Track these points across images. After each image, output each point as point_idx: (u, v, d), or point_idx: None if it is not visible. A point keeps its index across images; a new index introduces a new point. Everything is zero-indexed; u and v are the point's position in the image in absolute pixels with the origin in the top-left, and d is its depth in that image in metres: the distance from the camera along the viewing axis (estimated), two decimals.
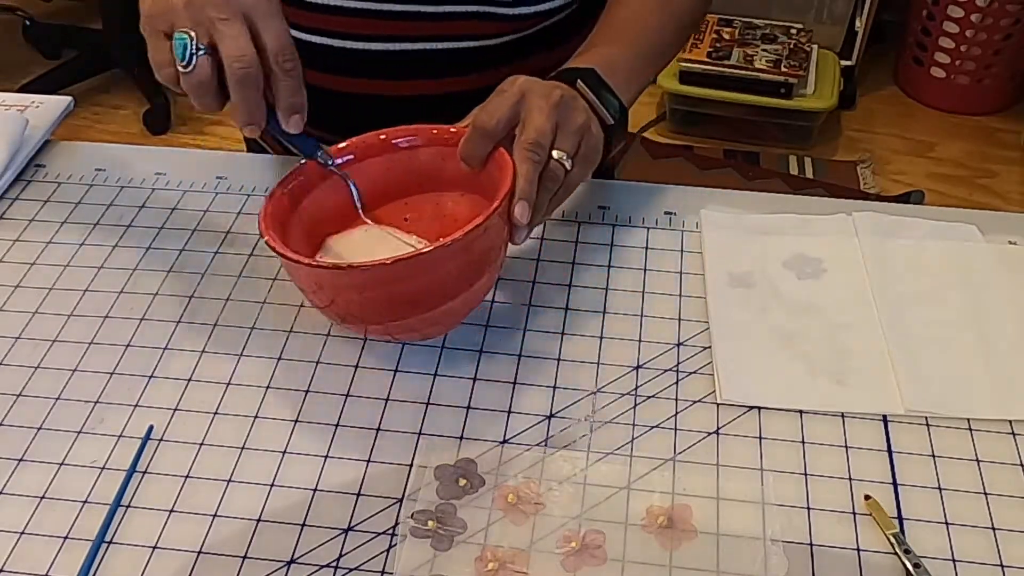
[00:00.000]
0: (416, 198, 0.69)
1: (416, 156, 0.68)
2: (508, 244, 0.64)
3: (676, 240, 0.78)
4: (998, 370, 0.67)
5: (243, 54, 0.59)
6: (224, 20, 0.59)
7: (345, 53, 0.81)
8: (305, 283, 0.62)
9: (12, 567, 0.56)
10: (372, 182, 0.68)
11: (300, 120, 0.63)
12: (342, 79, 0.83)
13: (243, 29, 0.59)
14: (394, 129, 0.69)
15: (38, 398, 0.65)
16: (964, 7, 2.28)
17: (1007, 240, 0.78)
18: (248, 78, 0.59)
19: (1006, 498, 0.60)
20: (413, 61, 0.81)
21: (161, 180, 0.84)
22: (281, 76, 0.61)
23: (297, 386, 0.66)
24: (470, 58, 0.82)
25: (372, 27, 0.79)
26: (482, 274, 0.62)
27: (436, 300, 0.60)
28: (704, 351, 0.69)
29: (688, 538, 0.57)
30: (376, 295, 0.59)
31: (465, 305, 0.64)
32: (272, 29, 0.60)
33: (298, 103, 0.63)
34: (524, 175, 0.62)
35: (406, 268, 0.57)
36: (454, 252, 0.58)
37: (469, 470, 0.61)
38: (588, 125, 0.67)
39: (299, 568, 0.56)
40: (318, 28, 0.80)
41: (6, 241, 0.78)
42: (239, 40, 0.59)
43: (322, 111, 0.87)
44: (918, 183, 2.25)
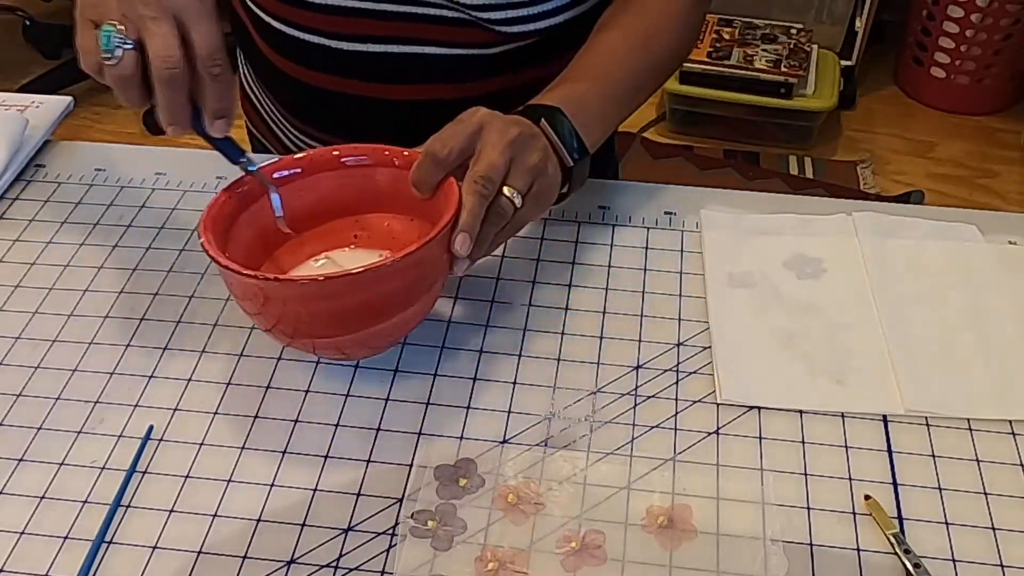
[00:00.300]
0: (369, 217, 0.69)
1: (371, 175, 0.67)
2: (448, 273, 0.64)
3: (676, 240, 0.78)
4: (998, 370, 0.67)
5: (169, 55, 0.58)
6: (154, 19, 0.58)
7: (340, 54, 0.81)
8: (236, 291, 0.62)
9: (12, 567, 0.56)
10: (323, 196, 0.68)
11: (225, 124, 0.62)
12: (337, 79, 0.83)
13: (172, 29, 0.58)
14: (348, 147, 0.68)
15: (38, 398, 0.65)
16: (964, 7, 2.28)
17: (1007, 240, 0.78)
18: (173, 79, 0.59)
19: (1006, 498, 0.60)
20: (407, 65, 0.81)
21: (161, 180, 0.84)
22: (209, 81, 0.60)
23: (297, 386, 0.66)
24: (465, 65, 0.82)
25: (367, 27, 0.79)
26: (413, 301, 0.61)
27: (365, 322, 0.60)
28: (704, 351, 0.69)
29: (688, 538, 0.57)
30: (303, 311, 0.59)
31: (396, 329, 0.63)
32: (203, 32, 0.59)
33: (224, 108, 0.62)
34: (469, 208, 0.62)
35: (336, 286, 0.57)
36: (385, 275, 0.58)
37: (469, 470, 0.61)
38: (544, 165, 0.67)
39: (299, 568, 0.56)
40: (315, 28, 0.80)
41: (6, 241, 0.78)
42: (166, 40, 0.58)
43: (318, 110, 0.87)
44: (918, 183, 2.25)
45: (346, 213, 0.69)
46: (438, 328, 0.70)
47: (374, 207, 0.69)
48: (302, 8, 0.79)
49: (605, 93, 0.75)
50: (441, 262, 0.62)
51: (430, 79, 0.82)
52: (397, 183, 0.66)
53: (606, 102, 0.75)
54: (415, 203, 0.65)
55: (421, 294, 0.62)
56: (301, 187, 0.67)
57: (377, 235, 0.69)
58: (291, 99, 0.89)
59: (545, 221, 0.79)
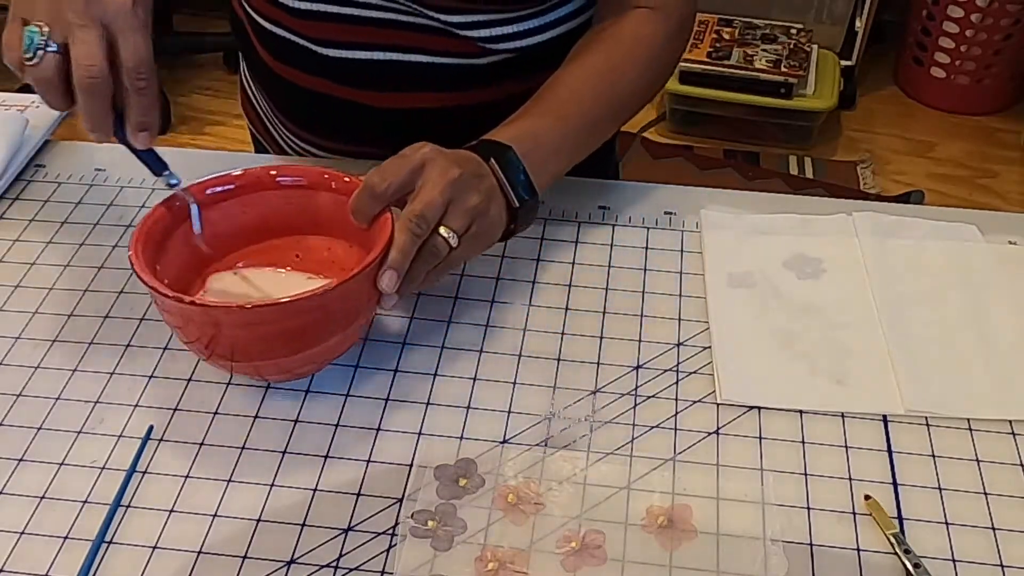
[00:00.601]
0: (310, 238, 0.69)
1: (314, 197, 0.67)
2: (376, 306, 0.63)
3: (676, 240, 0.78)
4: (998, 370, 0.67)
5: (92, 63, 0.58)
6: (81, 26, 0.58)
7: (328, 59, 0.80)
8: (157, 305, 0.62)
9: (12, 567, 0.56)
10: (263, 214, 0.68)
11: (148, 137, 0.62)
12: (328, 83, 0.82)
13: (98, 38, 0.58)
14: (286, 167, 0.68)
15: (38, 398, 0.65)
16: (964, 7, 2.28)
17: (1007, 240, 0.78)
18: (95, 87, 0.58)
19: (1006, 498, 0.60)
20: (393, 72, 0.80)
21: (161, 180, 0.83)
22: (133, 93, 0.59)
23: (297, 386, 0.66)
24: (451, 74, 0.81)
25: (352, 34, 0.78)
26: (335, 333, 0.61)
27: (288, 349, 0.60)
28: (704, 351, 0.69)
29: (688, 538, 0.57)
30: (228, 335, 0.59)
31: (321, 356, 0.62)
32: (130, 44, 0.59)
33: (148, 121, 0.61)
34: (399, 245, 0.61)
35: (258, 315, 0.57)
36: (308, 307, 0.58)
37: (469, 470, 0.61)
38: (485, 207, 0.65)
39: (299, 568, 0.56)
40: (302, 32, 0.80)
41: (6, 241, 0.78)
42: (91, 48, 0.58)
43: (310, 114, 0.87)
44: (918, 183, 2.25)
45: (288, 233, 0.69)
46: (438, 328, 0.70)
47: (316, 229, 0.68)
48: (288, 13, 0.79)
49: (563, 132, 0.73)
50: (365, 296, 0.61)
51: (416, 87, 0.82)
52: (339, 208, 0.66)
53: (563, 141, 0.73)
54: (355, 230, 0.65)
55: (343, 326, 0.61)
56: (244, 203, 0.67)
57: (317, 257, 0.69)
58: (286, 102, 0.89)
59: (545, 221, 0.79)
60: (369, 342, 0.69)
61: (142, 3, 0.59)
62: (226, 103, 2.46)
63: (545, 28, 0.81)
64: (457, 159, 0.65)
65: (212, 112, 2.44)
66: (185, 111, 2.42)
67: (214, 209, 0.66)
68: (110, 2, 0.58)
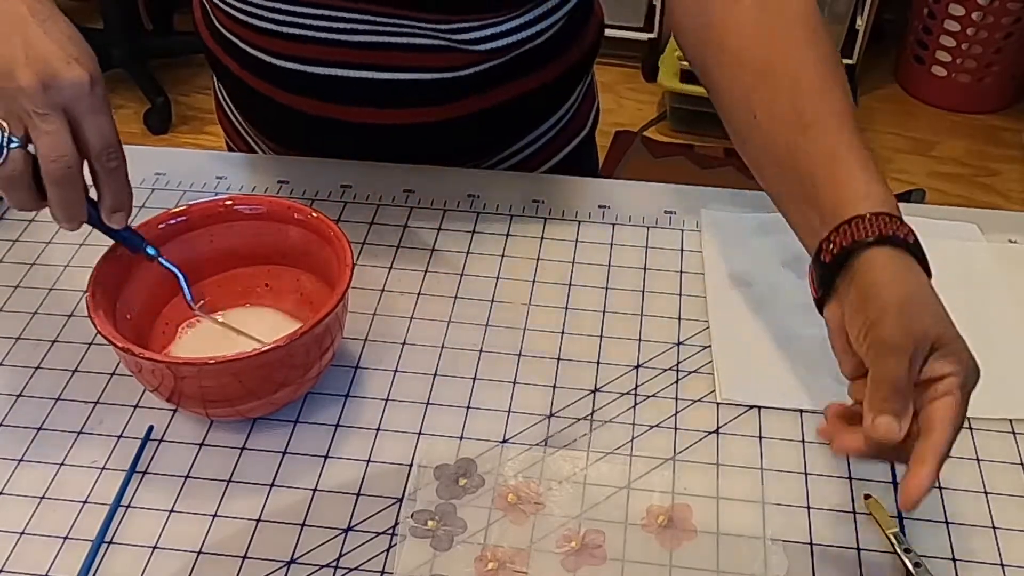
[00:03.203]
0: (280, 268, 0.68)
1: (285, 232, 0.67)
2: (329, 356, 0.63)
3: (676, 240, 0.78)
4: (998, 370, 0.67)
5: (61, 154, 0.54)
6: (42, 115, 0.53)
7: (317, 78, 0.79)
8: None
9: (12, 567, 0.56)
10: (233, 245, 0.67)
11: (124, 216, 0.59)
12: (315, 103, 0.81)
13: (62, 125, 0.54)
14: (243, 197, 0.68)
15: (38, 398, 0.65)
16: (965, 5, 2.28)
17: (1008, 239, 0.78)
18: (66, 179, 0.54)
19: (1006, 497, 0.60)
20: (383, 90, 0.79)
21: (161, 180, 0.84)
22: (104, 175, 0.57)
23: None
24: (442, 88, 0.80)
25: (344, 55, 0.77)
26: (286, 385, 0.61)
27: (224, 400, 0.60)
28: (704, 351, 0.69)
29: (688, 538, 0.57)
30: (181, 386, 0.59)
31: (270, 404, 0.62)
32: (95, 126, 0.55)
33: (122, 201, 0.59)
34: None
35: (214, 370, 0.57)
36: (256, 365, 0.57)
37: (469, 470, 0.61)
38: None
39: (299, 568, 0.56)
40: (291, 55, 0.78)
41: (6, 241, 0.78)
42: (56, 137, 0.53)
43: (296, 132, 0.86)
44: (919, 182, 2.25)
45: (260, 262, 0.69)
46: (438, 328, 0.70)
47: (284, 261, 0.68)
48: (275, 37, 0.77)
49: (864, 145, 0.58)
50: (311, 350, 0.60)
51: (409, 104, 0.80)
52: (309, 243, 0.66)
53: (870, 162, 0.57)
54: (324, 266, 0.65)
55: (289, 381, 0.61)
56: (215, 233, 0.67)
57: (285, 289, 0.68)
58: (265, 119, 0.87)
59: (545, 220, 0.79)
60: (369, 342, 0.69)
61: (99, 82, 0.55)
62: None
63: (534, 21, 0.79)
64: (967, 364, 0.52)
65: (212, 112, 2.41)
66: (185, 111, 2.42)
67: (182, 238, 0.66)
68: (68, 86, 0.54)
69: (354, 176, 0.83)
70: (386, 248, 0.77)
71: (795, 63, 0.61)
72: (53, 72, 0.53)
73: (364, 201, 0.81)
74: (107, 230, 0.60)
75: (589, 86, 0.94)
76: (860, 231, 0.53)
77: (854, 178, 0.56)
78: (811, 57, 0.61)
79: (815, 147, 0.57)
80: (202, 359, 0.57)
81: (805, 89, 0.60)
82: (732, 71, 0.64)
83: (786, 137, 0.59)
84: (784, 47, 0.62)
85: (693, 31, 0.67)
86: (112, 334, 0.57)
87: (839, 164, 0.56)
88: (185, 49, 2.59)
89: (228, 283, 0.68)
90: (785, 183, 0.61)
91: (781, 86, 0.60)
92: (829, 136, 0.58)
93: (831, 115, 0.59)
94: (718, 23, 0.65)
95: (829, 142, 0.57)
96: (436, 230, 0.78)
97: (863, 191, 0.55)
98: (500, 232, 0.78)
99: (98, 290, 0.60)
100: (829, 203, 0.56)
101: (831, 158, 0.57)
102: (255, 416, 0.63)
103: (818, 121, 0.58)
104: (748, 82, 0.62)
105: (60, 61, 0.54)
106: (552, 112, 0.88)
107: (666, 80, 2.27)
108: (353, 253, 0.62)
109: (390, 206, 0.80)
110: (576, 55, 0.86)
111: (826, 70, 0.60)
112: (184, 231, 0.66)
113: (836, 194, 0.56)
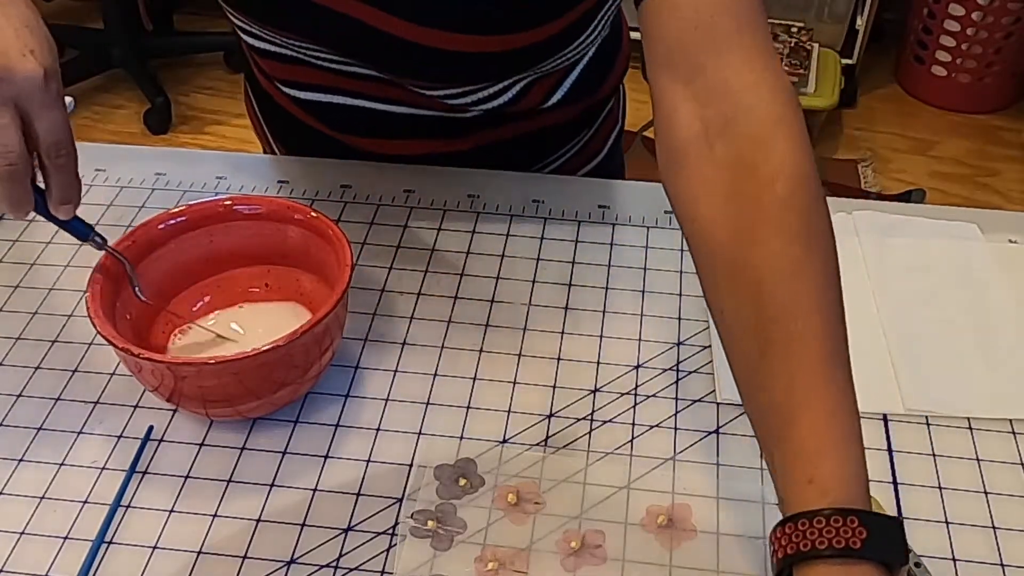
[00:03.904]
0: (279, 268, 0.68)
1: (285, 232, 0.67)
2: (329, 356, 0.63)
3: (676, 240, 0.78)
4: (998, 369, 0.67)
5: (9, 149, 0.53)
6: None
7: (324, 105, 0.79)
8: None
9: (12, 567, 0.56)
10: (233, 245, 0.67)
11: (71, 209, 0.59)
12: (326, 128, 0.81)
13: (12, 120, 0.53)
14: (242, 197, 0.68)
15: (38, 398, 0.65)
16: (965, 5, 2.28)
17: (1007, 239, 0.78)
18: (13, 174, 0.54)
19: (1006, 497, 0.60)
20: (392, 122, 0.79)
21: (161, 180, 0.84)
22: (54, 171, 0.56)
23: None
24: (452, 123, 0.80)
25: (345, 83, 0.77)
26: (286, 385, 0.61)
27: (233, 400, 0.60)
28: (704, 350, 0.69)
29: (688, 537, 0.57)
30: (181, 386, 0.59)
31: (270, 404, 0.62)
32: (46, 120, 0.55)
33: (70, 195, 0.58)
34: None
35: (213, 370, 0.57)
36: (241, 366, 0.57)
37: (469, 470, 0.61)
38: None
39: (299, 568, 0.56)
40: (291, 80, 0.78)
41: (6, 241, 0.78)
42: (4, 133, 0.53)
43: (299, 143, 0.86)
44: (919, 182, 2.24)
45: (258, 262, 0.69)
46: (438, 328, 0.70)
47: (283, 261, 0.68)
48: (274, 60, 0.77)
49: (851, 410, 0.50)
50: (310, 350, 0.61)
51: (417, 136, 0.80)
52: (308, 244, 0.66)
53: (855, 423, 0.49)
54: (322, 266, 0.65)
55: (289, 381, 0.61)
56: (214, 233, 0.67)
57: (285, 288, 0.68)
58: (288, 134, 0.88)
59: (545, 220, 0.79)
60: (369, 342, 0.69)
61: (54, 76, 0.55)
62: (226, 103, 2.46)
63: (519, 81, 0.77)
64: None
65: (212, 112, 2.43)
66: (185, 111, 2.42)
67: (181, 238, 0.66)
68: (21, 80, 0.53)
69: (354, 176, 0.83)
70: (386, 248, 0.77)
71: (760, 263, 0.51)
72: (7, 65, 0.53)
73: (364, 201, 0.81)
74: (54, 219, 0.60)
75: (612, 108, 0.91)
76: (794, 541, 0.46)
77: (802, 449, 0.48)
78: (780, 252, 0.51)
79: (773, 384, 0.50)
80: (202, 359, 0.57)
81: (770, 301, 0.50)
82: (702, 250, 0.55)
83: (749, 357, 0.51)
84: (751, 236, 0.52)
85: (668, 174, 0.58)
86: (112, 334, 0.57)
87: (793, 417, 0.48)
88: (185, 49, 2.60)
89: (228, 283, 0.68)
90: (747, 401, 0.52)
91: (744, 292, 0.51)
92: (788, 372, 0.49)
93: (794, 339, 0.50)
94: (692, 176, 0.55)
95: (787, 381, 0.49)
96: (436, 230, 0.78)
97: (807, 473, 0.47)
98: (500, 232, 0.78)
99: (98, 290, 0.60)
100: (778, 472, 0.49)
101: (787, 404, 0.49)
102: (255, 416, 0.63)
103: (777, 349, 0.50)
104: (716, 275, 0.54)
105: (15, 53, 0.53)
106: (572, 140, 0.87)
107: None
108: (353, 253, 0.62)
109: (390, 206, 0.80)
110: (605, 91, 0.85)
111: (796, 269, 0.51)
112: (184, 231, 0.66)
113: (784, 465, 0.48)
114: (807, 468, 0.47)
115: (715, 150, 0.54)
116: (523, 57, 0.70)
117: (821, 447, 0.48)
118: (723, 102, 0.54)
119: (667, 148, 0.57)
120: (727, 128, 0.54)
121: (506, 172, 0.84)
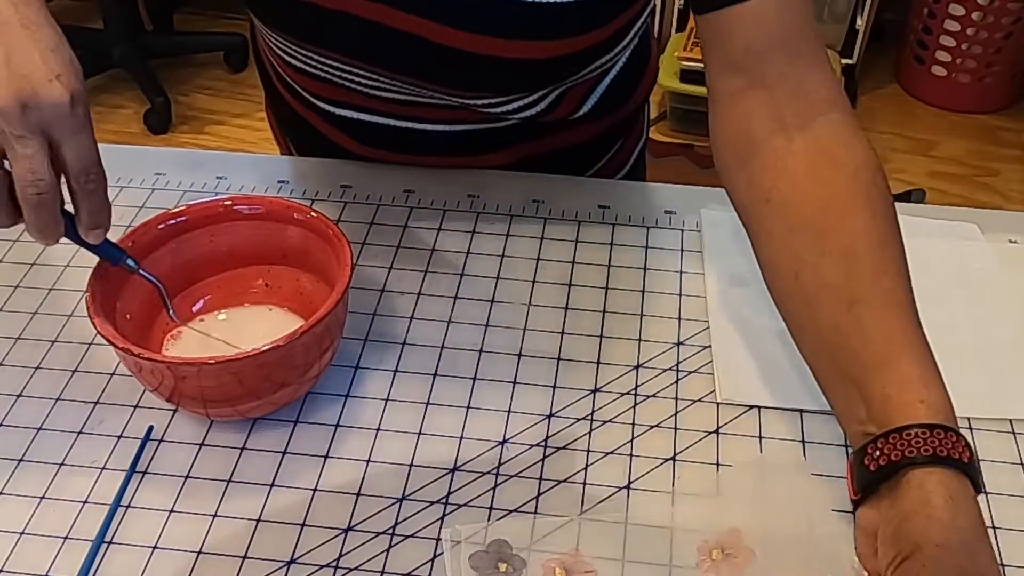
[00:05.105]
0: (279, 268, 0.68)
1: (285, 232, 0.67)
2: (329, 356, 0.63)
3: (676, 240, 0.78)
4: (998, 370, 0.67)
5: (38, 178, 0.53)
6: (19, 137, 0.52)
7: (351, 122, 0.80)
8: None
9: (12, 567, 0.56)
10: (233, 245, 0.67)
11: (101, 234, 0.59)
12: (353, 142, 0.82)
13: (40, 148, 0.53)
14: (242, 198, 0.68)
15: (38, 398, 0.65)
16: (965, 5, 2.28)
17: (1007, 239, 0.78)
18: (42, 203, 0.54)
19: (1006, 497, 0.60)
20: (417, 139, 0.80)
21: (161, 180, 0.84)
22: (83, 196, 0.56)
23: None
24: (478, 139, 0.80)
25: (373, 104, 0.77)
26: (286, 385, 0.61)
27: (232, 400, 0.60)
28: (704, 351, 0.69)
29: (746, 560, 0.56)
30: (181, 386, 0.59)
31: (270, 404, 0.62)
32: (75, 147, 0.54)
33: (100, 220, 0.58)
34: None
35: (214, 370, 0.57)
36: (240, 366, 0.57)
37: (505, 553, 0.57)
38: None
39: (299, 568, 0.56)
40: (323, 96, 0.79)
41: (6, 241, 0.78)
42: (33, 161, 0.53)
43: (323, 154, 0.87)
44: (919, 181, 2.24)
45: (258, 261, 0.68)
46: (438, 328, 0.70)
47: (284, 261, 0.68)
48: (294, 70, 0.78)
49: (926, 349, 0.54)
50: (310, 351, 0.61)
51: (442, 153, 0.81)
52: (308, 244, 0.66)
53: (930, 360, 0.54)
54: (323, 266, 0.65)
55: (289, 381, 0.61)
56: (214, 232, 0.67)
57: (285, 288, 0.68)
58: (302, 140, 0.88)
59: (545, 220, 0.79)
60: (369, 342, 0.69)
61: (81, 100, 0.54)
62: (226, 103, 2.46)
63: (553, 89, 0.77)
64: None
65: (213, 112, 2.44)
66: (185, 111, 2.42)
67: (181, 238, 0.66)
68: (48, 107, 0.52)
69: (354, 176, 0.83)
70: (386, 248, 0.77)
71: (849, 231, 0.57)
72: (33, 91, 0.52)
73: (364, 201, 0.81)
74: (85, 244, 0.59)
75: (639, 120, 0.92)
76: (912, 446, 0.49)
77: (910, 376, 0.52)
78: (869, 225, 0.57)
79: (867, 329, 0.54)
80: (202, 359, 0.57)
81: (861, 262, 0.56)
82: (777, 223, 0.59)
83: (833, 310, 0.55)
84: (839, 208, 0.57)
85: (735, 164, 0.63)
86: (112, 334, 0.57)
87: (894, 355, 0.53)
88: (185, 49, 2.60)
89: (228, 283, 0.68)
90: (827, 357, 0.56)
91: (833, 254, 0.56)
92: (885, 320, 0.54)
93: (888, 295, 0.55)
94: (768, 165, 0.60)
95: (884, 327, 0.54)
96: (436, 230, 0.78)
97: (918, 394, 0.51)
98: (500, 232, 0.78)
99: (98, 290, 0.60)
100: (878, 398, 0.52)
101: (886, 344, 0.53)
102: (255, 416, 0.63)
103: (872, 301, 0.54)
104: (795, 242, 0.58)
105: (41, 79, 0.52)
106: (605, 154, 0.88)
107: (666, 80, 2.27)
108: (353, 253, 0.62)
109: (390, 206, 0.80)
110: (636, 101, 0.86)
111: (883, 240, 0.56)
112: (184, 231, 0.66)
113: (888, 391, 0.52)
114: (919, 390, 0.51)
115: (795, 143, 0.60)
116: (566, 64, 0.71)
117: (928, 377, 0.52)
118: (804, 106, 0.60)
119: (736, 140, 0.63)
120: (807, 127, 0.60)
121: (506, 172, 0.84)
